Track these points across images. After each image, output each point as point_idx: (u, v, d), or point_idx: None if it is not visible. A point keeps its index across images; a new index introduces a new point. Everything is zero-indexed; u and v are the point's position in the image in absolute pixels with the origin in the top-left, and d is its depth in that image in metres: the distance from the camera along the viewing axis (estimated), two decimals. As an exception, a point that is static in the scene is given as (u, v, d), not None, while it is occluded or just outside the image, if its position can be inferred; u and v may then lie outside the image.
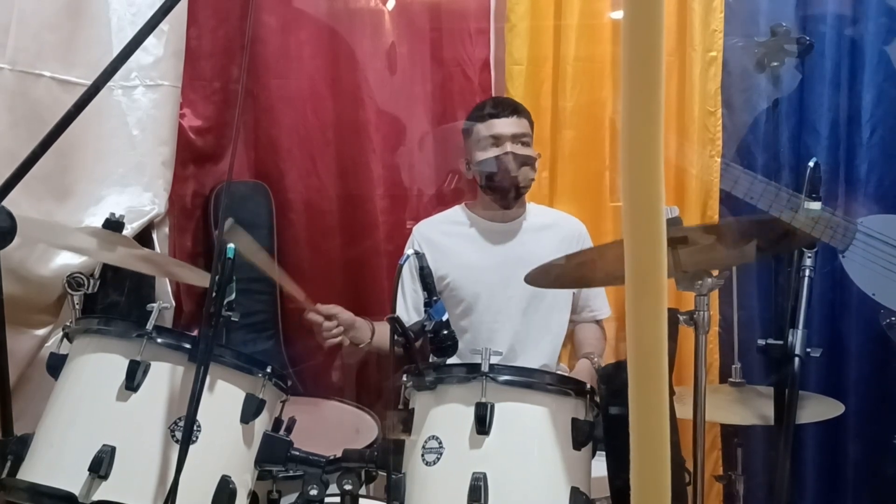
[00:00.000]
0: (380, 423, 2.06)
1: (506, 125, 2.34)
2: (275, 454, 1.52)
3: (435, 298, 1.62)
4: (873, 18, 2.60)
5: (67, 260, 2.00)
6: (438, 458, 1.45)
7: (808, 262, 1.65)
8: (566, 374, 2.33)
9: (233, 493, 1.42)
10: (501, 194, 2.37)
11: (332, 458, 1.55)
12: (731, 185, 2.48)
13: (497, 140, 2.34)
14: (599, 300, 2.54)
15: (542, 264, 1.78)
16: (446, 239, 2.44)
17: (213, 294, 1.36)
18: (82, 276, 1.80)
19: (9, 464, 1.42)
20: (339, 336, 2.19)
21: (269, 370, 1.51)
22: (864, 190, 2.62)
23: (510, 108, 2.39)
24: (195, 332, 1.56)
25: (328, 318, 2.18)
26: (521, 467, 1.46)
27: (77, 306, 1.81)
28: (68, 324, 1.62)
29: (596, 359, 2.35)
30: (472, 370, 1.49)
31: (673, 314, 1.61)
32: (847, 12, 2.62)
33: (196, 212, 2.59)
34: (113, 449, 1.34)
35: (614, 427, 1.50)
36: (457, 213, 2.51)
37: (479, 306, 2.38)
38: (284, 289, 2.41)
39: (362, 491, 1.57)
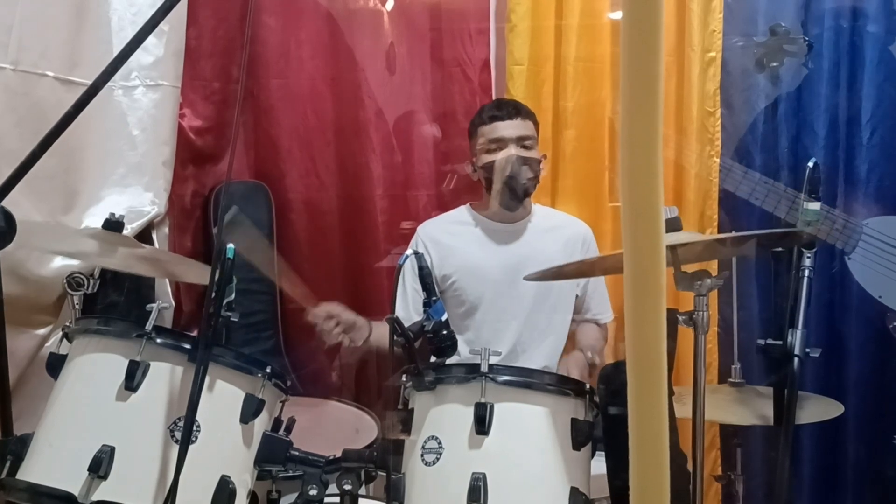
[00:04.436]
0: (379, 423, 2.06)
1: (510, 128, 2.35)
2: (274, 454, 1.52)
3: (434, 298, 1.61)
4: (873, 18, 2.59)
5: (67, 260, 2.00)
6: (438, 459, 1.45)
7: (808, 262, 1.65)
8: (565, 374, 2.32)
9: (232, 493, 1.42)
10: (506, 196, 2.37)
11: (331, 458, 1.54)
12: (735, 187, 2.47)
13: (501, 142, 2.34)
14: (602, 304, 2.52)
15: (541, 270, 1.78)
16: (452, 238, 2.44)
17: (213, 294, 1.36)
18: (82, 276, 1.80)
19: (8, 464, 1.41)
20: (339, 336, 2.19)
21: (268, 370, 1.50)
22: (864, 190, 2.61)
23: (514, 110, 2.38)
24: (195, 333, 1.56)
25: (328, 317, 2.17)
26: (520, 467, 1.46)
27: (77, 306, 1.81)
28: (68, 324, 1.62)
29: (590, 354, 2.31)
30: (472, 370, 1.48)
31: (672, 314, 1.60)
32: (847, 12, 2.61)
33: (196, 212, 2.59)
34: (112, 449, 1.34)
35: (614, 427, 1.50)
36: (462, 213, 2.51)
37: (484, 306, 2.38)
38: (282, 286, 2.40)
39: (362, 491, 1.56)
